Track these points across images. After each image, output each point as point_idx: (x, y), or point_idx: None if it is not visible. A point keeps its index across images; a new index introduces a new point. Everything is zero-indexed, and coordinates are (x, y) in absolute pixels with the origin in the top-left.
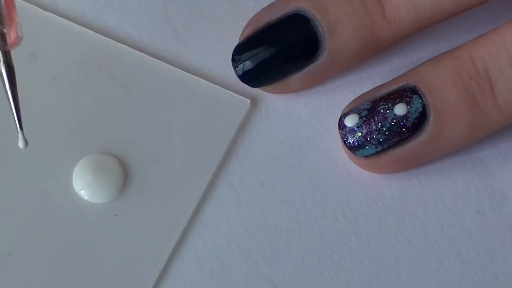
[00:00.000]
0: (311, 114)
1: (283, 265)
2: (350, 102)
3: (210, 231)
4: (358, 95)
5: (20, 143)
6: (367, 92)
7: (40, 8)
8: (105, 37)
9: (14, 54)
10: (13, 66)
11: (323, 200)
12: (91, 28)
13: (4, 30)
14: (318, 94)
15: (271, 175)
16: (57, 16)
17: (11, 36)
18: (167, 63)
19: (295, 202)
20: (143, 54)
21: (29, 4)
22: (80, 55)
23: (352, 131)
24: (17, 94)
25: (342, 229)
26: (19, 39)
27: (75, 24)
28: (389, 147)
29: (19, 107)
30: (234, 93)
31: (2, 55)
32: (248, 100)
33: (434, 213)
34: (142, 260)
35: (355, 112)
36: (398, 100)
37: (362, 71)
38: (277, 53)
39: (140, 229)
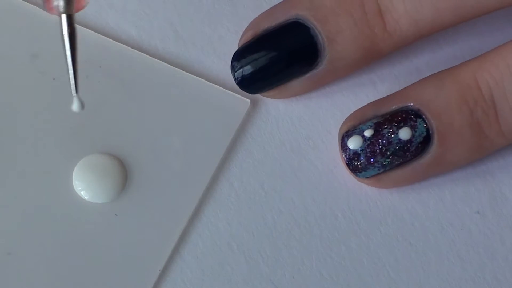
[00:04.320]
0: (311, 115)
1: (283, 265)
2: (350, 117)
3: (210, 231)
4: (358, 96)
5: (75, 106)
6: (367, 106)
7: (40, 8)
8: (105, 37)
9: (14, 54)
10: (75, 30)
11: (323, 200)
12: (91, 28)
13: None
14: (318, 94)
15: (271, 175)
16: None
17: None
18: (167, 63)
19: (295, 202)
20: (143, 54)
21: (29, 4)
22: (80, 55)
23: (355, 154)
24: (76, 58)
25: (342, 229)
26: (85, 2)
27: (75, 24)
28: (391, 169)
29: (77, 71)
30: (234, 93)
31: (67, 19)
32: (248, 100)
33: (434, 213)
34: (142, 260)
35: (358, 134)
36: (402, 124)
37: (362, 72)
38: (275, 61)
39: (140, 229)
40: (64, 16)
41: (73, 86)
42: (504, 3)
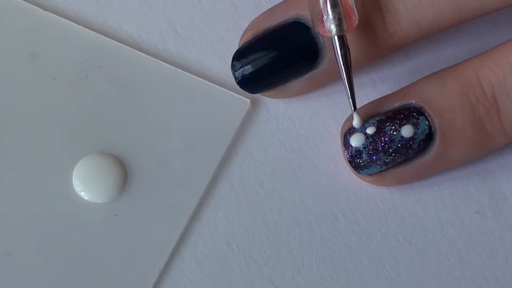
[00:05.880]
0: (311, 114)
1: (283, 265)
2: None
3: (210, 231)
4: (359, 96)
5: (355, 122)
6: (369, 104)
7: (40, 8)
8: (105, 37)
9: (14, 54)
10: (349, 50)
11: (323, 200)
12: (91, 28)
13: (341, 16)
14: (318, 94)
15: (271, 175)
16: (57, 16)
17: (351, 19)
18: (167, 63)
19: (295, 202)
20: (143, 54)
21: (29, 4)
22: (80, 55)
23: (358, 151)
24: (351, 75)
25: (342, 229)
26: (356, 21)
27: (75, 24)
28: (393, 166)
29: (353, 88)
30: (234, 93)
31: (339, 39)
32: (248, 100)
33: (434, 213)
34: (142, 260)
35: (360, 131)
36: (404, 121)
37: (362, 71)
38: (276, 60)
39: (140, 229)
40: (336, 38)
41: (350, 103)
42: (505, 4)
